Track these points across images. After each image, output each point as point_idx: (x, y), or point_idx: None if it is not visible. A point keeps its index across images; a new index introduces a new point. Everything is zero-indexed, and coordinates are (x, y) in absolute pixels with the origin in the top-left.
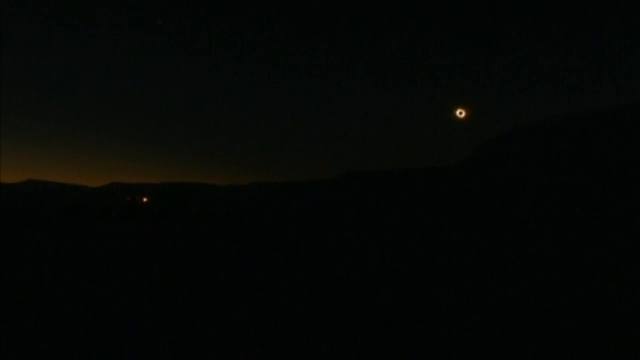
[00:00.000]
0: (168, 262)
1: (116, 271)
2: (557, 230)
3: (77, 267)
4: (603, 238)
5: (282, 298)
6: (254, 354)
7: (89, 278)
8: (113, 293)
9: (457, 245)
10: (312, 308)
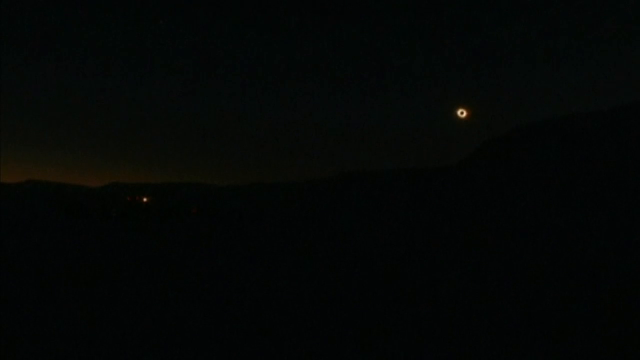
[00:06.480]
0: (168, 262)
1: (116, 271)
2: (557, 231)
3: (77, 267)
4: (603, 238)
5: (282, 298)
6: (254, 354)
7: (89, 278)
8: (113, 293)
9: (457, 245)
10: (312, 308)
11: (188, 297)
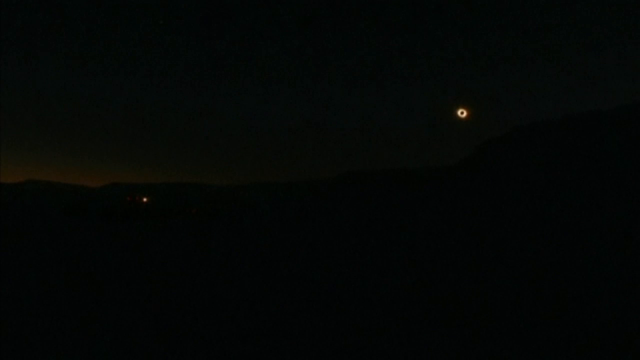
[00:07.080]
0: (168, 262)
1: (116, 271)
2: (558, 231)
3: (77, 267)
4: (603, 238)
5: (282, 298)
6: (254, 354)
7: (89, 278)
8: (113, 293)
9: (457, 245)
10: (312, 308)
11: (188, 298)
